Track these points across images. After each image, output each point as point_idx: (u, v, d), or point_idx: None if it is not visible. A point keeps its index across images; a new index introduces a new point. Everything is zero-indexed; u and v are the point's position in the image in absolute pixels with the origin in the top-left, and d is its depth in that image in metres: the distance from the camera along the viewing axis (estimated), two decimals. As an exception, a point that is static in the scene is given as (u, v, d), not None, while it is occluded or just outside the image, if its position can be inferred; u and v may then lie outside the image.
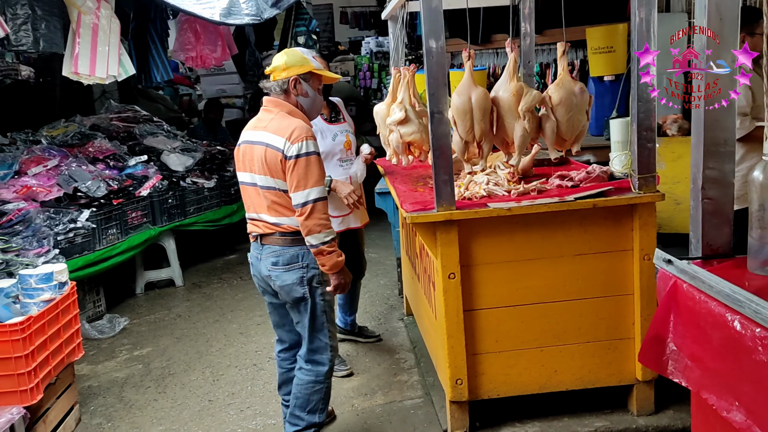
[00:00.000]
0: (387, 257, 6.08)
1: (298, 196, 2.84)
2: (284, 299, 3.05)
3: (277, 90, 3.00)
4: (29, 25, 4.39)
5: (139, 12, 5.39)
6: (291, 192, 2.86)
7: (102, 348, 4.73)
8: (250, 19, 5.47)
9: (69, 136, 6.10)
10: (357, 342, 4.40)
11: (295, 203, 2.86)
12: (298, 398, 3.10)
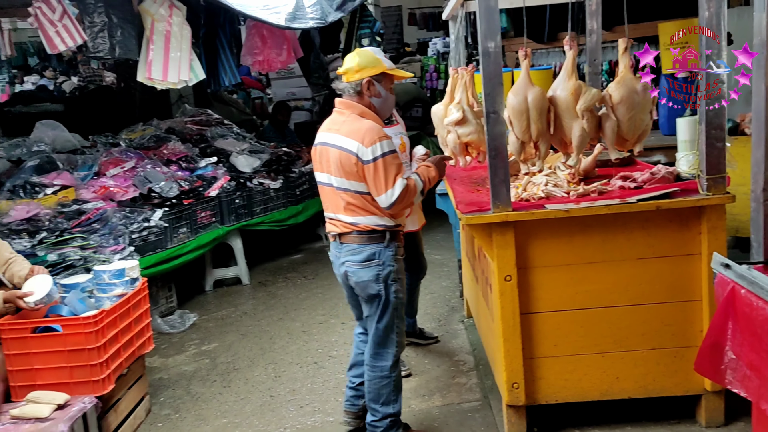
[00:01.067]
0: (450, 259, 6.05)
1: (383, 198, 2.92)
2: (359, 295, 3.12)
3: (351, 92, 3.03)
4: (106, 33, 4.63)
5: (209, 18, 5.58)
6: (376, 196, 2.93)
7: (173, 342, 4.92)
8: (314, 23, 5.57)
9: (145, 138, 6.38)
10: (416, 344, 4.39)
11: (383, 205, 2.94)
12: (370, 392, 3.18)
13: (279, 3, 5.36)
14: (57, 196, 4.92)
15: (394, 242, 3.06)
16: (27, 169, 5.26)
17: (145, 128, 6.72)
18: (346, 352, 4.50)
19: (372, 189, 2.94)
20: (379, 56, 3.05)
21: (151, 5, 4.81)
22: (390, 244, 3.04)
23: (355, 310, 3.34)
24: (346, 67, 3.02)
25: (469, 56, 5.46)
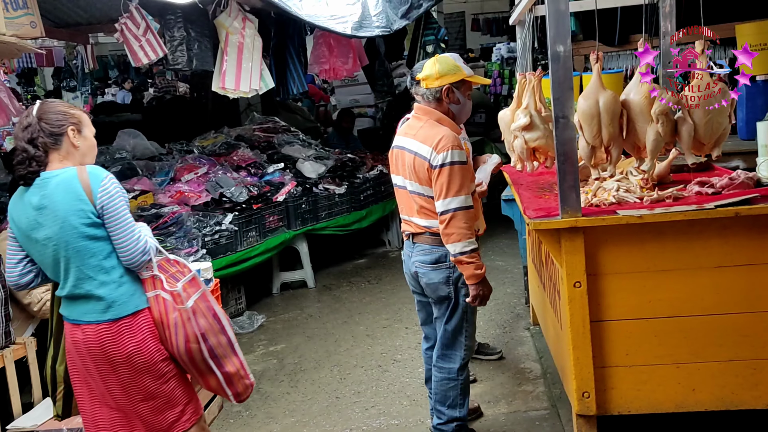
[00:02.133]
0: (514, 265, 6.00)
1: (440, 204, 2.92)
2: (429, 296, 3.15)
3: (430, 98, 3.06)
4: (184, 46, 4.83)
5: (279, 30, 5.74)
6: (436, 200, 2.95)
7: (242, 342, 5.01)
8: (380, 31, 5.64)
9: (217, 146, 6.61)
10: (479, 360, 4.28)
11: (439, 211, 2.94)
12: (437, 394, 3.20)
13: (346, 12, 5.46)
14: (137, 201, 5.14)
15: None
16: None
17: (216, 136, 6.96)
18: (410, 356, 4.53)
19: (434, 193, 2.96)
20: (458, 63, 3.07)
21: (226, 19, 4.99)
22: None
23: (421, 312, 3.37)
24: (426, 74, 3.04)
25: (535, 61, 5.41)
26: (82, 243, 2.45)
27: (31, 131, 2.49)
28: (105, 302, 2.48)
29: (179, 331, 2.55)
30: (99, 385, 2.55)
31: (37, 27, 4.10)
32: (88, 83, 12.23)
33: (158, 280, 2.56)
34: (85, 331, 2.50)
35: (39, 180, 2.48)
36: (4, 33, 3.63)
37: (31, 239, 2.50)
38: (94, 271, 2.48)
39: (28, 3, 4.08)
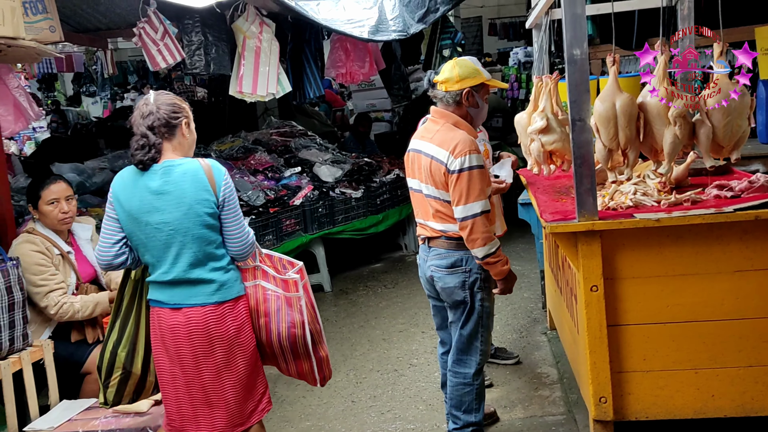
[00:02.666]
0: (531, 270, 5.97)
1: (459, 210, 2.91)
2: (445, 300, 3.14)
3: (450, 101, 3.04)
4: (202, 50, 4.86)
5: (296, 34, 5.77)
6: (453, 206, 2.94)
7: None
8: (397, 35, 5.65)
9: (234, 150, 6.65)
10: (495, 364, 4.28)
11: (457, 217, 2.93)
12: (452, 398, 3.20)
13: (363, 17, 5.48)
14: (153, 205, 5.18)
15: None
16: (126, 179, 5.56)
17: (233, 140, 7.00)
18: (426, 360, 4.52)
19: (452, 199, 2.95)
20: (477, 66, 3.06)
21: (243, 23, 5.02)
22: None
23: (436, 317, 3.36)
24: (445, 77, 3.04)
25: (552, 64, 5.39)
26: (202, 230, 2.59)
27: (152, 119, 2.60)
28: (214, 285, 2.61)
29: (283, 317, 2.74)
30: (190, 370, 2.62)
31: (57, 31, 4.15)
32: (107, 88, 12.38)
33: (259, 271, 2.77)
34: (188, 314, 2.60)
35: (159, 166, 2.60)
36: (23, 37, 3.65)
37: (141, 222, 2.59)
38: (208, 257, 2.61)
39: (48, 7, 4.13)
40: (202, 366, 2.62)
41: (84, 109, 13.96)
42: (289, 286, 2.78)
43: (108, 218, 2.68)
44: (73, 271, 3.67)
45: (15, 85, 4.64)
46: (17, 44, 3.63)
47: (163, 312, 2.65)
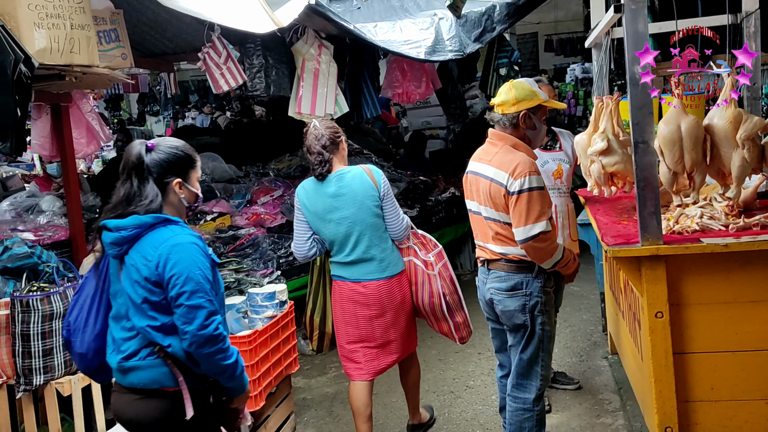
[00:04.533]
0: (590, 291, 5.85)
1: (520, 231, 2.91)
2: (505, 324, 3.12)
3: (506, 124, 3.05)
4: (262, 73, 4.99)
5: (354, 56, 5.86)
6: (514, 227, 2.93)
7: (315, 364, 5.12)
8: (453, 55, 5.67)
9: (292, 168, 6.77)
10: (555, 389, 4.20)
11: (518, 239, 2.92)
12: (512, 424, 3.16)
13: (420, 37, 5.52)
14: (215, 222, 5.32)
15: (544, 273, 3.03)
16: (190, 197, 5.73)
17: (291, 159, 7.13)
18: (482, 382, 4.47)
19: (513, 220, 2.94)
20: (534, 87, 3.06)
21: (303, 46, 5.14)
22: (539, 275, 3.02)
23: (495, 339, 3.34)
24: (501, 99, 3.05)
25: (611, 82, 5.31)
26: (373, 220, 3.41)
27: (323, 140, 3.42)
28: (384, 264, 3.44)
29: (425, 288, 3.50)
30: (365, 327, 3.47)
31: (128, 58, 4.35)
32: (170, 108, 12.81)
33: (412, 250, 3.55)
34: (367, 286, 3.43)
35: (333, 175, 3.43)
36: (98, 65, 3.85)
37: (325, 219, 3.43)
38: (379, 240, 3.43)
39: (120, 36, 4.33)
40: (375, 323, 3.46)
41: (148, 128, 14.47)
42: (428, 266, 3.51)
43: (298, 221, 3.53)
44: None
45: (88, 109, 4.89)
46: (92, 71, 3.82)
47: (345, 285, 3.48)
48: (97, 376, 2.47)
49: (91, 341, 2.38)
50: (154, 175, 2.31)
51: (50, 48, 3.42)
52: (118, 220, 2.27)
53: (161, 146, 2.36)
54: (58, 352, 3.33)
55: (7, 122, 3.21)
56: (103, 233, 2.30)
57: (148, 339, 2.27)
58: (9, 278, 3.41)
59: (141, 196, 2.29)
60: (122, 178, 2.33)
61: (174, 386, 2.28)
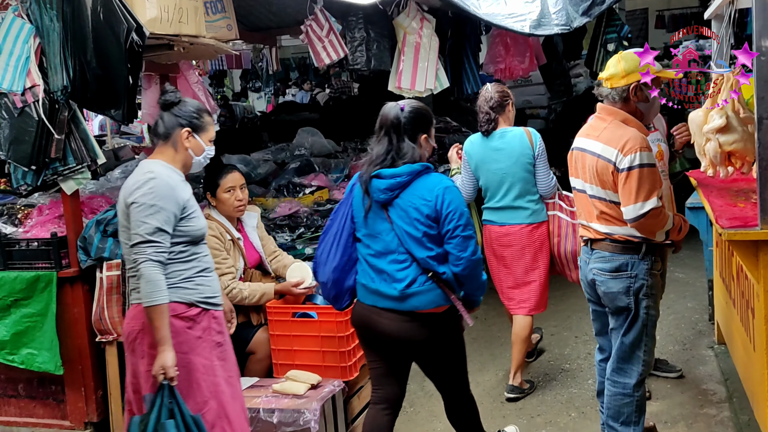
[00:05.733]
0: (696, 278, 5.54)
1: (630, 210, 2.79)
2: (607, 306, 3.02)
3: (616, 98, 2.92)
4: (364, 47, 5.00)
5: (456, 29, 5.76)
6: (623, 206, 2.82)
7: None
8: (559, 29, 5.45)
9: (388, 144, 6.78)
10: (655, 376, 4.00)
11: (628, 217, 2.81)
12: (610, 408, 3.05)
13: (525, 11, 5.34)
14: (313, 196, 5.42)
15: (651, 255, 2.89)
16: (290, 170, 5.88)
17: (388, 135, 7.14)
18: (578, 366, 4.36)
19: (621, 198, 2.82)
20: None
21: (405, 19, 5.10)
22: (645, 257, 2.88)
23: (596, 322, 3.22)
24: (610, 73, 2.91)
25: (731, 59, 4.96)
26: (525, 174, 3.89)
27: (491, 103, 3.93)
28: (529, 211, 3.91)
29: (569, 239, 3.94)
30: (510, 265, 3.97)
31: (233, 30, 4.46)
32: (271, 84, 13.13)
33: (557, 205, 3.98)
34: (511, 229, 3.93)
35: (497, 132, 3.94)
36: (204, 35, 3.95)
37: (485, 169, 3.97)
38: (526, 193, 3.90)
39: (226, 7, 4.44)
40: (517, 263, 3.95)
41: (250, 104, 14.91)
42: (573, 216, 3.88)
43: (465, 170, 4.08)
44: (242, 257, 3.92)
45: (194, 80, 5.07)
46: (199, 42, 3.93)
47: (493, 228, 3.99)
48: (335, 302, 2.95)
49: (329, 273, 2.84)
50: (409, 132, 2.73)
51: (160, 17, 3.50)
52: (392, 169, 2.69)
53: (411, 107, 2.79)
54: (165, 312, 3.51)
55: (119, 90, 3.36)
56: (375, 181, 2.71)
57: (423, 267, 2.70)
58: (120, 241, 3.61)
59: (402, 150, 2.71)
60: (380, 135, 2.80)
61: (445, 304, 2.75)
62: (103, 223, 3.55)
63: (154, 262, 2.51)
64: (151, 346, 2.57)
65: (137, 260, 2.51)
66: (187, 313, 2.65)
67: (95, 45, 3.25)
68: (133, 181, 2.61)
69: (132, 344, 2.67)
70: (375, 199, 2.72)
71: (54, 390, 3.70)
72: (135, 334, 2.65)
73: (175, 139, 2.71)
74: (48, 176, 3.43)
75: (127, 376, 2.76)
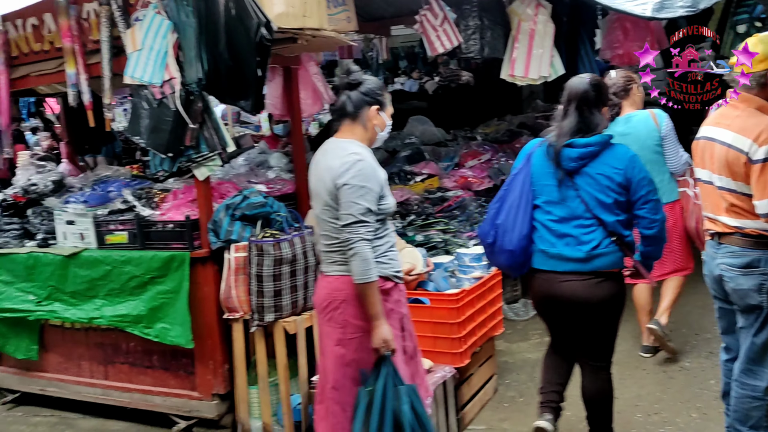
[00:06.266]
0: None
1: (764, 204, 2.65)
2: (735, 303, 2.88)
3: (752, 83, 2.77)
4: (477, 35, 4.97)
5: (571, 15, 5.59)
6: (755, 199, 2.68)
7: (517, 329, 5.11)
8: (684, 11, 5.16)
9: (499, 133, 6.73)
10: None
11: (761, 212, 2.67)
12: (737, 411, 2.93)
13: (646, -7, 5.11)
14: (424, 184, 5.48)
15: None
16: (400, 159, 5.96)
17: (499, 123, 7.09)
18: (699, 365, 4.18)
19: (754, 191, 2.66)
20: None
21: (519, 6, 5.02)
22: None
23: (722, 320, 3.07)
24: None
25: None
26: (653, 156, 3.97)
27: (614, 89, 4.04)
28: (661, 191, 3.43)
29: (693, 216, 4.06)
30: None
31: (352, 22, 4.57)
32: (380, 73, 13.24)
33: (687, 182, 4.11)
34: None
35: (622, 118, 4.10)
36: (326, 28, 4.07)
37: None
38: (656, 173, 3.70)
39: (346, 0, 4.55)
40: None
41: (358, 93, 15.09)
42: (696, 197, 3.94)
43: None
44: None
45: (314, 71, 5.23)
46: (320, 35, 4.06)
47: None
48: (519, 269, 3.11)
49: (517, 240, 2.98)
50: (597, 104, 2.91)
51: (286, 12, 3.68)
52: (584, 139, 2.86)
53: (597, 81, 2.97)
54: (286, 294, 3.66)
55: (249, 81, 3.54)
56: (566, 150, 2.87)
57: (609, 231, 2.87)
58: (246, 224, 3.80)
59: (594, 121, 2.89)
60: (568, 108, 2.94)
61: (621, 267, 2.97)
62: (232, 207, 3.75)
63: (367, 241, 2.62)
64: (355, 317, 2.71)
65: (351, 239, 2.61)
66: (384, 286, 2.75)
67: (227, 39, 3.43)
68: (339, 162, 2.67)
69: (331, 313, 2.76)
70: (564, 167, 2.87)
71: (185, 363, 3.97)
72: (337, 303, 2.74)
73: (364, 117, 2.79)
74: (182, 163, 3.66)
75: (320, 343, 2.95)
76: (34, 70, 4.13)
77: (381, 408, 2.59)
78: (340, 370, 2.75)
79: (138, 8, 3.59)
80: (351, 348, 2.73)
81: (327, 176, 2.70)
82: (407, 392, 2.64)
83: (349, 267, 2.66)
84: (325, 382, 2.85)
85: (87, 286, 4.06)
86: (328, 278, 2.81)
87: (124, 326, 3.98)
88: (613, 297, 2.97)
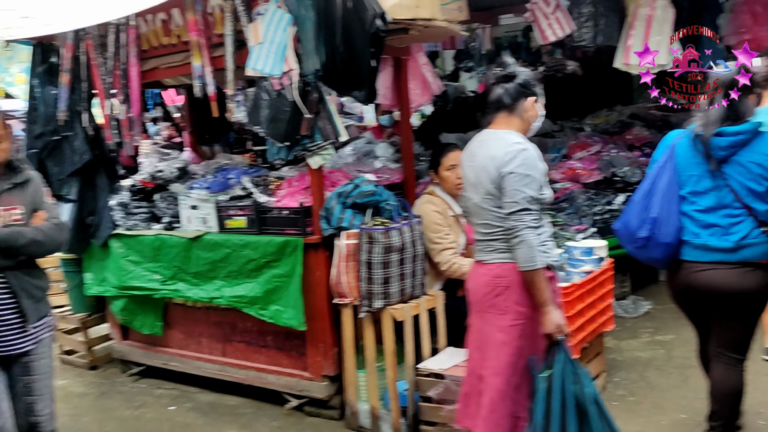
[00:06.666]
0: None
1: None
2: None
3: None
4: (591, 22, 4.82)
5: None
6: None
7: (626, 326, 4.96)
8: (822, -8, 4.81)
9: (610, 124, 6.51)
10: None
11: None
12: None
13: (780, -27, 4.79)
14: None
15: None
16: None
17: (608, 114, 6.85)
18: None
19: None
20: None
21: (637, -10, 4.84)
22: None
23: None
24: None
25: None
26: None
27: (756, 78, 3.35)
28: None
29: None
30: None
31: (463, 11, 4.53)
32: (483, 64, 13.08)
33: None
34: None
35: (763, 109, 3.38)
36: (438, 18, 4.07)
37: None
38: None
39: (458, -11, 4.52)
40: None
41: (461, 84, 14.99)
42: None
43: None
44: (463, 233, 4.04)
45: (423, 62, 5.25)
46: (432, 25, 4.06)
47: None
48: (667, 262, 3.05)
49: (674, 233, 2.94)
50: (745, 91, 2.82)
51: (400, 3, 3.70)
52: (734, 127, 2.80)
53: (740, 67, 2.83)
54: (394, 281, 3.72)
55: (363, 72, 3.61)
56: (715, 139, 2.81)
57: (759, 221, 2.81)
58: (357, 212, 3.89)
59: (742, 108, 2.83)
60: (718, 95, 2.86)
61: None
62: (343, 195, 3.85)
63: (532, 229, 2.66)
64: (519, 303, 2.75)
65: (516, 227, 2.65)
66: (546, 275, 2.77)
67: (343, 31, 3.51)
68: (502, 152, 2.72)
69: (493, 299, 2.80)
70: (713, 156, 2.82)
71: (297, 344, 4.12)
72: (501, 290, 2.78)
73: (521, 108, 2.83)
74: (298, 152, 3.79)
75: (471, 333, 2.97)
76: (162, 63, 4.39)
77: (561, 392, 2.61)
78: (503, 357, 2.77)
79: (260, 3, 3.74)
80: (514, 334, 2.75)
81: (490, 165, 2.73)
82: (587, 375, 2.67)
83: (514, 254, 2.68)
84: (480, 370, 2.88)
85: (208, 267, 4.29)
86: (488, 266, 2.83)
87: (241, 306, 4.18)
88: (759, 288, 2.88)
